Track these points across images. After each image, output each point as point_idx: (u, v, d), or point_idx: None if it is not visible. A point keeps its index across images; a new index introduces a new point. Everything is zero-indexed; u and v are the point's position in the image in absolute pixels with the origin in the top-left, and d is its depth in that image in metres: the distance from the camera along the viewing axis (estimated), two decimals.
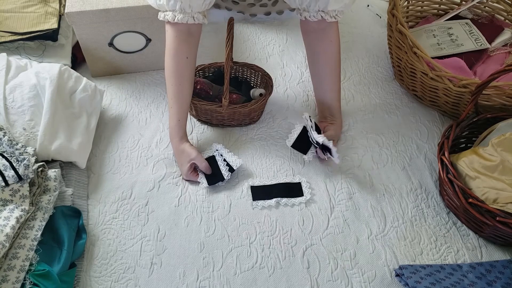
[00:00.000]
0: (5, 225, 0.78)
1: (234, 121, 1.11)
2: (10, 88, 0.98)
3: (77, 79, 1.06)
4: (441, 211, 0.98)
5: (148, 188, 0.99)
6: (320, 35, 1.01)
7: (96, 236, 0.90)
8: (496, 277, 0.84)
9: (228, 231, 0.92)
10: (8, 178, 0.83)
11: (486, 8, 1.36)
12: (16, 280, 0.75)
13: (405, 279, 0.84)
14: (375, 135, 1.13)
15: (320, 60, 1.05)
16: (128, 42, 1.19)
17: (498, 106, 1.02)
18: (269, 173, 1.03)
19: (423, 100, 1.21)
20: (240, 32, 1.43)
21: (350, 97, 1.24)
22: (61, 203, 0.91)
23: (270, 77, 1.14)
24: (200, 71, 1.16)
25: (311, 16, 0.95)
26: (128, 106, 1.17)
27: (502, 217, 0.83)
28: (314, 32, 1.01)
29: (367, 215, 0.97)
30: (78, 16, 1.10)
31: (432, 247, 0.92)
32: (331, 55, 1.03)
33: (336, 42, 1.02)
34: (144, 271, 0.86)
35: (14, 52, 1.15)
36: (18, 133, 0.94)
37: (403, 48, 1.13)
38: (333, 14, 0.95)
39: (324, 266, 0.88)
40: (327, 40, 1.01)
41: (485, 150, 0.93)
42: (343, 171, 1.04)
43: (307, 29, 1.03)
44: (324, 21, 0.96)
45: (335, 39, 1.02)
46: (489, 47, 1.25)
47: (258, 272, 0.87)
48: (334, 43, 1.02)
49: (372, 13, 1.55)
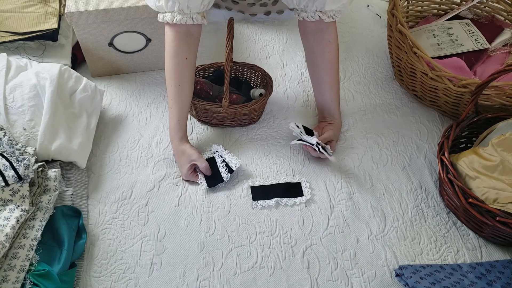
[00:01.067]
0: (5, 225, 0.78)
1: (234, 121, 1.11)
2: (10, 88, 0.98)
3: (77, 79, 1.06)
4: (441, 211, 0.98)
5: (148, 188, 0.99)
6: (318, 36, 1.01)
7: (96, 236, 0.90)
8: (496, 277, 0.84)
9: (228, 231, 0.92)
10: (8, 178, 0.83)
11: (486, 8, 1.36)
12: (16, 280, 0.75)
13: (405, 279, 0.84)
14: (375, 135, 1.13)
15: (319, 60, 1.05)
16: (128, 42, 1.19)
17: (498, 106, 1.02)
18: (269, 173, 1.03)
19: (423, 100, 1.21)
20: (240, 32, 1.43)
21: (350, 97, 1.24)
22: (61, 203, 0.91)
23: (270, 77, 1.14)
24: (200, 71, 1.16)
25: (308, 17, 0.96)
26: (128, 106, 1.17)
27: (502, 217, 0.83)
28: (312, 32, 1.02)
29: (367, 215, 0.97)
30: (78, 16, 1.10)
31: (432, 247, 0.92)
32: (329, 56, 1.03)
33: (334, 42, 1.02)
34: (144, 271, 0.86)
35: (14, 52, 1.15)
36: (18, 133, 0.94)
37: (403, 48, 1.13)
38: (330, 14, 0.95)
39: (324, 266, 0.88)
40: (325, 40, 1.01)
41: (485, 150, 0.93)
42: (343, 171, 1.04)
43: (305, 29, 1.03)
44: (322, 22, 0.96)
45: (333, 39, 1.02)
46: (489, 47, 1.25)
47: (258, 272, 0.87)
48: (332, 43, 1.02)
49: (372, 13, 1.55)
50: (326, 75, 1.06)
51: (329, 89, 1.07)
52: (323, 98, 1.10)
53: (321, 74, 1.07)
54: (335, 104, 1.09)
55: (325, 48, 1.02)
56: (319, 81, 1.08)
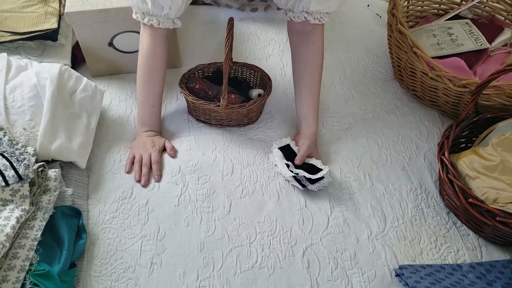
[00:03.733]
0: (5, 225, 0.78)
1: (232, 121, 1.11)
2: (10, 88, 0.98)
3: (77, 79, 1.06)
4: (441, 211, 0.98)
5: (148, 188, 0.99)
6: (303, 37, 1.02)
7: (96, 236, 0.90)
8: (496, 277, 0.84)
9: (228, 231, 0.92)
10: (8, 178, 0.83)
11: (486, 8, 1.36)
12: (16, 280, 0.75)
13: (405, 279, 0.84)
14: (375, 135, 1.13)
15: (301, 62, 1.05)
16: (128, 42, 1.19)
17: (498, 106, 1.02)
18: (270, 173, 1.03)
19: (423, 100, 1.21)
20: (240, 32, 1.43)
21: (350, 97, 1.24)
22: (61, 203, 0.91)
23: (269, 77, 1.14)
24: (200, 70, 1.16)
25: (295, 17, 0.96)
26: (128, 106, 1.17)
27: (502, 217, 0.83)
28: (298, 33, 1.02)
29: (367, 215, 0.97)
30: (78, 16, 1.10)
31: (432, 247, 0.92)
32: (311, 58, 1.03)
33: (318, 45, 1.02)
34: (144, 271, 0.86)
35: (14, 52, 1.15)
36: (18, 133, 0.94)
37: (403, 48, 1.13)
38: (317, 16, 0.95)
39: (324, 266, 0.88)
40: (309, 42, 1.02)
41: (485, 150, 0.93)
42: (342, 171, 1.04)
43: (292, 30, 1.04)
44: (308, 23, 0.97)
45: (317, 42, 1.02)
46: (489, 47, 1.25)
47: (258, 272, 0.87)
48: (316, 46, 1.02)
49: (372, 13, 1.55)
50: (307, 77, 1.05)
51: (308, 92, 1.06)
52: (300, 101, 1.08)
53: (301, 75, 1.06)
54: (312, 109, 1.06)
55: (308, 50, 1.02)
56: (299, 83, 1.07)
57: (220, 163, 1.04)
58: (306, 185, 0.98)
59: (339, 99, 1.23)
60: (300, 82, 1.07)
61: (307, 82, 1.05)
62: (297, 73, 1.07)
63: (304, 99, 1.07)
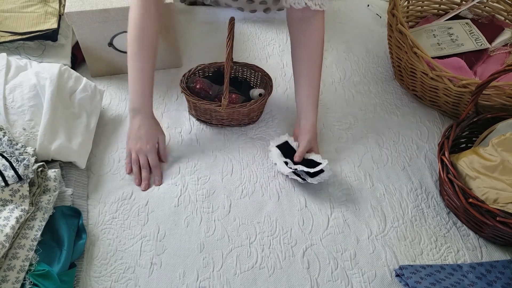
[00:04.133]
0: (5, 225, 0.78)
1: (233, 121, 1.11)
2: (10, 88, 0.98)
3: (77, 79, 1.06)
4: (441, 211, 0.98)
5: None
6: (304, 25, 1.00)
7: (96, 236, 0.90)
8: (496, 277, 0.84)
9: (228, 231, 0.92)
10: (8, 178, 0.83)
11: (486, 8, 1.36)
12: (16, 280, 0.75)
13: (405, 279, 0.84)
14: (375, 135, 1.13)
15: (301, 52, 1.03)
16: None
17: (498, 106, 1.02)
18: (270, 174, 1.03)
19: (423, 100, 1.21)
20: (240, 32, 1.43)
21: (350, 97, 1.24)
22: (61, 203, 0.91)
23: (270, 77, 1.14)
24: (200, 70, 1.16)
25: (295, 3, 0.95)
26: (128, 106, 1.17)
27: (502, 217, 0.83)
28: (298, 21, 1.01)
29: (367, 215, 0.96)
30: (77, 16, 1.10)
31: (432, 247, 0.92)
32: (312, 48, 1.02)
33: (319, 33, 1.01)
34: (144, 271, 0.86)
35: (14, 52, 1.15)
36: (18, 133, 0.94)
37: (403, 48, 1.13)
38: (317, 2, 0.95)
39: (324, 266, 0.88)
40: (310, 30, 1.01)
41: (485, 150, 0.93)
42: (343, 171, 1.04)
43: (292, 18, 1.02)
44: (309, 9, 0.96)
45: (318, 29, 1.01)
46: (489, 47, 1.25)
47: (258, 272, 0.87)
48: (317, 34, 1.01)
49: (372, 13, 1.55)
50: (307, 68, 1.03)
51: (308, 84, 1.04)
52: (299, 93, 1.06)
53: (301, 67, 1.04)
54: (311, 100, 1.04)
55: (309, 38, 1.01)
56: (298, 74, 1.05)
57: (220, 163, 1.04)
58: (305, 179, 0.97)
59: (340, 99, 1.23)
60: (300, 74, 1.05)
61: (307, 74, 1.04)
62: (296, 64, 1.06)
63: (304, 91, 1.05)
